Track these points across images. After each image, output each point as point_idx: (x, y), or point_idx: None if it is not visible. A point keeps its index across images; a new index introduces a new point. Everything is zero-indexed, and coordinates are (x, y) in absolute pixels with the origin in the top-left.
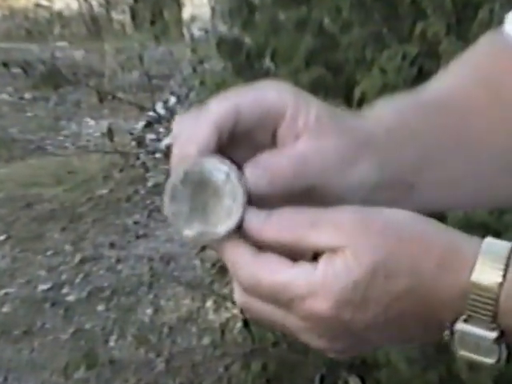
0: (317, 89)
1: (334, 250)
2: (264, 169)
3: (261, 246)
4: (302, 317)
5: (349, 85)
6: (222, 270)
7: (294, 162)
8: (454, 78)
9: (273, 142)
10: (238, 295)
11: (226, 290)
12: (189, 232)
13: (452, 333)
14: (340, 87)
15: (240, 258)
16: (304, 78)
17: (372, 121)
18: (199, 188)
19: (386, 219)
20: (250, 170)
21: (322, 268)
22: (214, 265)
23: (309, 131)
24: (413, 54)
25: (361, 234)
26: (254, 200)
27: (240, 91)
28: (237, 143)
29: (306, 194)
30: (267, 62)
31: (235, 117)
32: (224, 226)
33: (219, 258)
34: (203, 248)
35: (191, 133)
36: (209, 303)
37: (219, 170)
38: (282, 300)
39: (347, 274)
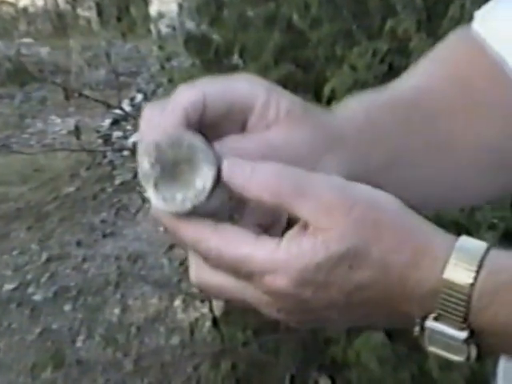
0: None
1: (306, 225)
2: (230, 149)
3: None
4: (262, 291)
5: (318, 82)
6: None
7: (262, 148)
8: (424, 76)
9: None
10: (195, 273)
11: (194, 289)
12: (160, 195)
13: (422, 329)
14: (310, 84)
15: (201, 232)
16: (273, 74)
17: (342, 118)
18: (171, 160)
19: (368, 203)
20: (217, 148)
21: (285, 245)
22: (181, 263)
23: (279, 123)
24: (383, 50)
25: (338, 217)
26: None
27: (209, 81)
28: (204, 134)
29: None
30: (236, 59)
31: (203, 106)
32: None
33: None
34: (171, 246)
35: (158, 121)
36: (177, 302)
37: (192, 141)
38: (242, 273)
39: (311, 254)
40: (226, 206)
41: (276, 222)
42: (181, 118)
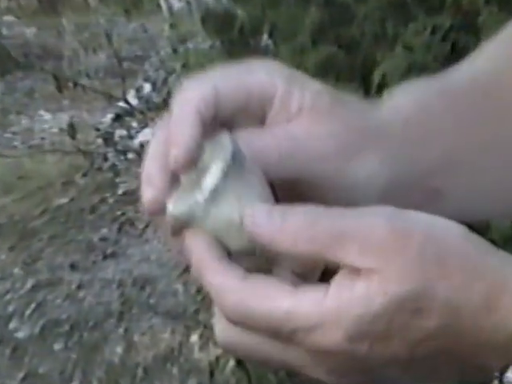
0: (326, 71)
1: (356, 271)
2: (245, 145)
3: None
4: (307, 350)
5: (366, 66)
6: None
7: (282, 142)
8: (491, 60)
9: None
10: (220, 330)
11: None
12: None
13: (501, 383)
14: (355, 69)
15: (226, 280)
16: (310, 58)
17: (387, 110)
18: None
19: (426, 234)
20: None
21: (334, 292)
22: (199, 290)
23: (302, 115)
24: (445, 27)
25: (393, 254)
26: None
27: (220, 73)
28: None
29: (296, 190)
30: (265, 40)
31: (215, 104)
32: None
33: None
34: (187, 269)
35: (174, 133)
36: (194, 337)
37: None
38: (280, 333)
39: (367, 302)
40: None
41: (312, 271)
42: (196, 125)
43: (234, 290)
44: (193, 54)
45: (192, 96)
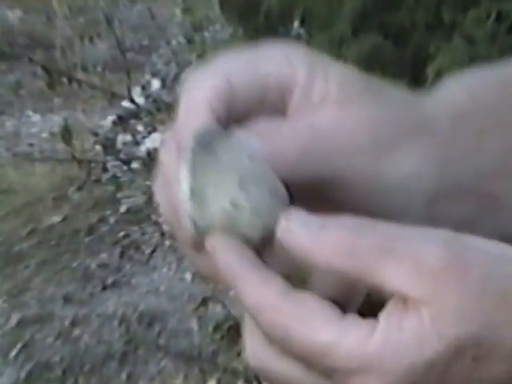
0: (370, 66)
1: (404, 301)
2: (263, 139)
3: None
4: None
5: (418, 59)
6: (230, 335)
7: (304, 135)
8: None
9: None
10: (253, 349)
11: (235, 364)
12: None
13: None
14: (405, 63)
15: (265, 295)
16: (351, 50)
17: (434, 101)
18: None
19: (489, 266)
20: (243, 137)
21: (382, 331)
22: (218, 327)
23: (328, 105)
24: None
25: (449, 286)
26: None
27: (233, 62)
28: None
29: (319, 194)
30: (296, 28)
31: (229, 99)
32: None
33: (227, 315)
34: (204, 301)
35: (183, 125)
36: (211, 383)
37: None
38: (317, 368)
39: (419, 346)
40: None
41: (351, 297)
42: (208, 118)
43: (273, 308)
44: (210, 44)
45: (202, 91)
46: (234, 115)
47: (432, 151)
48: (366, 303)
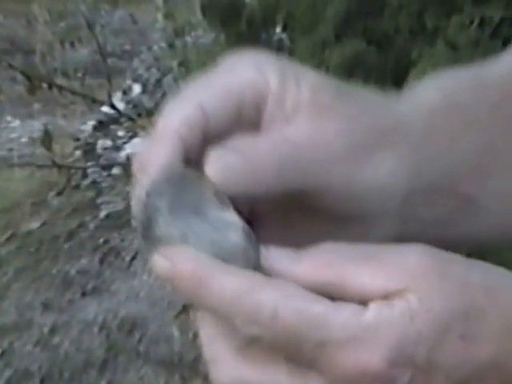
0: (352, 72)
1: (390, 296)
2: (239, 154)
3: None
4: (336, 377)
5: (401, 65)
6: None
7: (280, 147)
8: None
9: None
10: (225, 369)
11: None
12: None
13: None
14: (387, 68)
15: (244, 280)
16: (333, 55)
17: (407, 103)
18: (179, 191)
19: (469, 265)
20: (217, 153)
21: (374, 308)
22: (198, 334)
23: (301, 114)
24: (494, 20)
25: (433, 278)
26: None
27: (203, 86)
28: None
29: (299, 205)
30: (278, 33)
31: (203, 126)
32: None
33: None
34: (184, 309)
35: (148, 158)
36: None
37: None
38: (306, 345)
39: (409, 322)
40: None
41: None
42: (177, 151)
43: (257, 287)
44: (192, 49)
45: (173, 121)
46: (210, 139)
47: (406, 154)
48: None
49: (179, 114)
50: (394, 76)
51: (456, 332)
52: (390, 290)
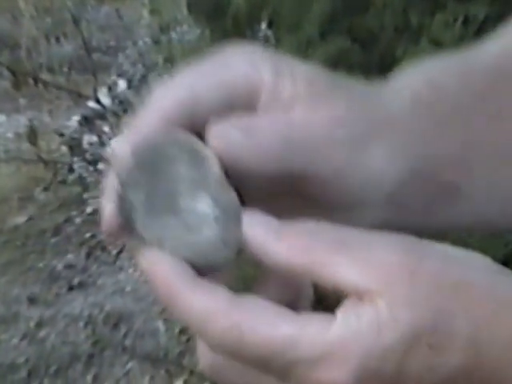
0: (338, 68)
1: (360, 296)
2: (242, 129)
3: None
4: None
5: (385, 63)
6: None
7: (282, 128)
8: None
9: None
10: (204, 352)
11: None
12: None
13: None
14: (372, 66)
15: (212, 302)
16: (318, 53)
17: (393, 91)
18: (154, 176)
19: (443, 263)
20: (219, 128)
21: (341, 321)
22: (184, 329)
23: (298, 103)
24: (479, 17)
25: (403, 276)
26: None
27: (196, 72)
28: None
29: (289, 194)
30: (264, 30)
31: (192, 107)
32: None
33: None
34: None
35: (130, 130)
36: None
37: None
38: (275, 365)
39: (376, 334)
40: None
41: (297, 300)
42: (160, 124)
43: (223, 312)
44: (177, 45)
45: (160, 99)
46: (199, 124)
47: (397, 143)
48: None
49: (167, 93)
50: (379, 74)
51: (424, 341)
52: (361, 288)
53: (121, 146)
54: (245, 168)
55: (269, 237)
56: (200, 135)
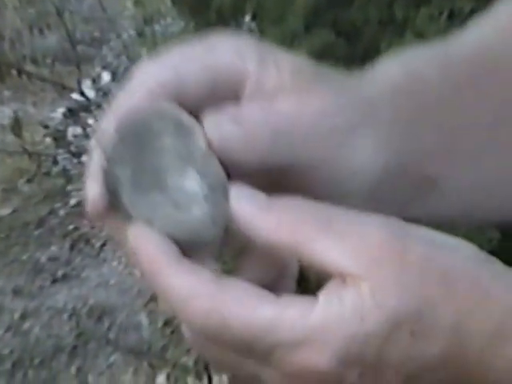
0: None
1: (343, 278)
2: (235, 121)
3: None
4: (286, 373)
5: (369, 56)
6: (180, 330)
7: (272, 116)
8: (504, 29)
9: None
10: (188, 331)
11: (185, 359)
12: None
13: None
14: (356, 59)
15: (195, 283)
16: (302, 46)
17: (372, 82)
18: (140, 150)
19: (430, 250)
20: (212, 120)
21: (323, 305)
22: (167, 322)
23: (284, 92)
24: (464, 11)
25: (390, 261)
26: None
27: (181, 53)
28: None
29: (285, 181)
30: (247, 22)
31: (176, 89)
32: (199, 209)
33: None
34: (153, 297)
35: (114, 107)
36: (160, 378)
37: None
38: (256, 349)
39: (359, 319)
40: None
41: (281, 279)
42: (145, 97)
43: (204, 294)
44: (161, 37)
45: (146, 79)
46: (182, 105)
47: (379, 135)
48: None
49: (152, 72)
50: (363, 67)
51: (406, 329)
52: (346, 269)
53: (105, 122)
54: (234, 157)
55: (256, 211)
56: None
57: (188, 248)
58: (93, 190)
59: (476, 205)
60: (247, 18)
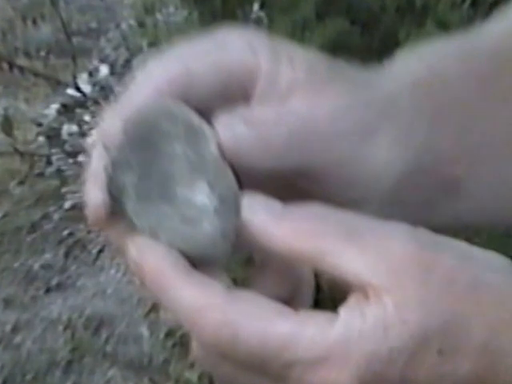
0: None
1: (365, 292)
2: (249, 123)
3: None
4: None
5: (387, 46)
6: (183, 343)
7: (286, 117)
8: None
9: None
10: (197, 347)
11: (188, 374)
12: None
13: None
14: (373, 50)
15: (207, 295)
16: (315, 36)
17: (392, 78)
18: (148, 155)
19: (460, 262)
20: (225, 122)
21: (343, 320)
22: (170, 334)
23: (298, 90)
24: None
25: (416, 274)
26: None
27: (191, 49)
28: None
29: (301, 184)
30: (256, 12)
31: (185, 86)
32: (209, 223)
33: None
34: (154, 307)
35: (120, 104)
36: None
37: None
38: (271, 367)
39: (383, 333)
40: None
41: (298, 295)
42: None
43: (217, 306)
44: (163, 27)
45: (155, 76)
46: (191, 104)
47: (399, 133)
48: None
49: (160, 68)
50: (380, 58)
51: (433, 347)
52: (369, 282)
53: (109, 120)
54: (247, 161)
55: (271, 220)
56: None
57: (195, 262)
58: (95, 195)
59: (501, 205)
60: (255, 7)
